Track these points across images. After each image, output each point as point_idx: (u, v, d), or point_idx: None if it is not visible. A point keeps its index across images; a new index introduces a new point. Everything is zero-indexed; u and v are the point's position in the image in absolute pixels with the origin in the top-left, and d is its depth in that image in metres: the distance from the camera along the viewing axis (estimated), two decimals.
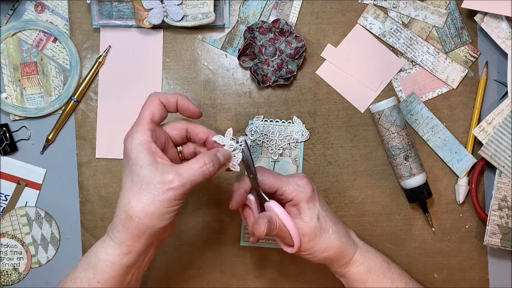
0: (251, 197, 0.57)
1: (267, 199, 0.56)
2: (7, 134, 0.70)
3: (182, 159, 0.57)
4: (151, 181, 0.48)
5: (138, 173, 0.49)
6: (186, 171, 0.49)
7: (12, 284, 0.71)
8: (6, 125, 0.70)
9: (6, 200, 0.71)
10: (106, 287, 0.51)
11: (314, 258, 0.58)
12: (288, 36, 0.68)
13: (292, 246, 0.56)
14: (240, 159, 0.54)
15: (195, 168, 0.49)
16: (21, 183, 0.71)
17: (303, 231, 0.56)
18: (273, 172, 0.58)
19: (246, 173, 0.57)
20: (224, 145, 0.54)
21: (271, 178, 0.56)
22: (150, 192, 0.48)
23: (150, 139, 0.50)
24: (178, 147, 0.57)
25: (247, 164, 0.55)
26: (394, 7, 0.69)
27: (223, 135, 0.54)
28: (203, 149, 0.57)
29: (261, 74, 0.68)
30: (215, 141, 0.54)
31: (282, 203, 0.57)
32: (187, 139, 0.57)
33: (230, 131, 0.54)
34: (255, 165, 0.57)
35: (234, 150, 0.54)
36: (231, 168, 0.55)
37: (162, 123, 0.55)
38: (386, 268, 0.60)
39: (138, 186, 0.48)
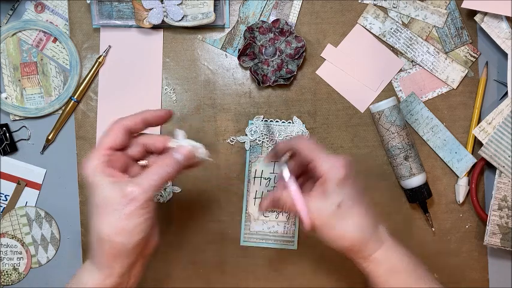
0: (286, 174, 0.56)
1: (286, 176, 0.55)
2: (7, 134, 0.70)
3: None
4: (113, 198, 0.48)
5: (99, 195, 0.48)
6: (143, 178, 0.48)
7: (12, 284, 0.71)
8: (6, 125, 0.70)
9: (6, 200, 0.71)
10: None
11: (330, 243, 0.55)
12: (288, 36, 0.68)
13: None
14: (204, 151, 0.53)
15: (153, 173, 0.49)
16: (21, 183, 0.71)
17: (313, 215, 0.54)
18: (312, 144, 0.56)
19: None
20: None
21: (306, 149, 0.55)
22: (115, 209, 0.47)
23: (104, 163, 0.50)
24: (141, 161, 0.55)
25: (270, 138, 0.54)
26: (394, 7, 0.69)
27: (174, 138, 0.53)
28: None
29: (261, 74, 0.68)
30: (170, 147, 0.53)
31: (314, 177, 0.55)
32: (148, 152, 0.55)
33: (178, 131, 0.53)
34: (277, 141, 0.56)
35: (193, 146, 0.53)
36: (203, 158, 0.53)
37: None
38: (413, 270, 0.56)
39: (102, 207, 0.48)
